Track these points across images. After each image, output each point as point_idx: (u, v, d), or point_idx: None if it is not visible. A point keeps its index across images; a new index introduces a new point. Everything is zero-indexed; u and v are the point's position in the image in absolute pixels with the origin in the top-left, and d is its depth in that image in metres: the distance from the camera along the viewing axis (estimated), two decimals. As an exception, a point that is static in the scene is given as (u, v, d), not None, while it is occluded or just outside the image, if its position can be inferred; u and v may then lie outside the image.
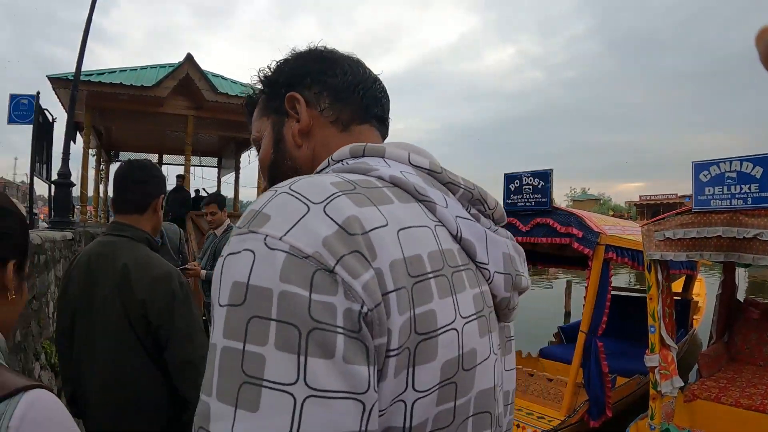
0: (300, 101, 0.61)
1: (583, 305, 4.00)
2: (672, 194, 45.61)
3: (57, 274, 3.54)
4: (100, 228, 6.82)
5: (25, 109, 6.91)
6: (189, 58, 9.06)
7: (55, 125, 8.13)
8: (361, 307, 0.38)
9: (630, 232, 4.38)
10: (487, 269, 0.52)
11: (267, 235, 0.39)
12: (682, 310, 5.87)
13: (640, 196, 52.30)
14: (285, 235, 0.39)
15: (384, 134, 0.67)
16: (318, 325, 0.37)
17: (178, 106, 9.39)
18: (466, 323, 0.46)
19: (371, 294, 0.39)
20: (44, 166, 7.59)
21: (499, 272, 0.53)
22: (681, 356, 4.65)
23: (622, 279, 14.32)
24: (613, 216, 17.90)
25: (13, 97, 7.04)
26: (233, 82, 10.48)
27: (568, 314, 10.54)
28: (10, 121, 6.99)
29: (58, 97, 8.55)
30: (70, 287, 1.36)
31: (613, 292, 4.16)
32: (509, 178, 4.51)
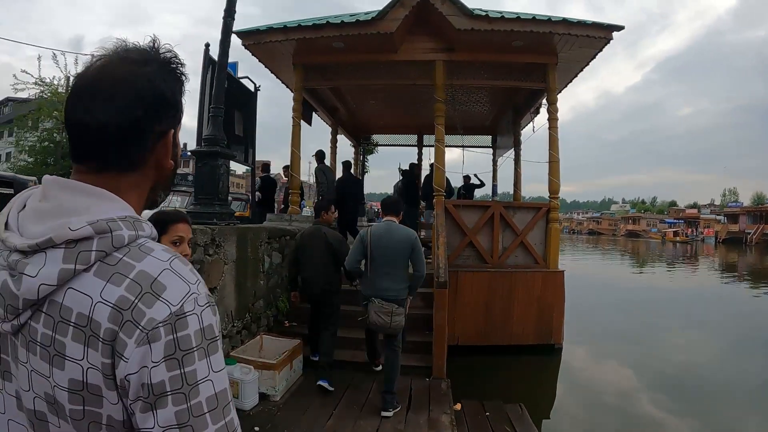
0: None
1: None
2: None
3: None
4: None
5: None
6: (424, -29, 5.76)
7: (260, 95, 6.25)
8: None
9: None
10: None
11: None
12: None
13: None
14: None
15: None
16: None
17: (418, 50, 6.28)
18: None
19: None
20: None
21: None
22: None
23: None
24: None
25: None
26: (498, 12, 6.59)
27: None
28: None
29: (261, 61, 6.48)
30: (300, 241, 4.35)
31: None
32: None
